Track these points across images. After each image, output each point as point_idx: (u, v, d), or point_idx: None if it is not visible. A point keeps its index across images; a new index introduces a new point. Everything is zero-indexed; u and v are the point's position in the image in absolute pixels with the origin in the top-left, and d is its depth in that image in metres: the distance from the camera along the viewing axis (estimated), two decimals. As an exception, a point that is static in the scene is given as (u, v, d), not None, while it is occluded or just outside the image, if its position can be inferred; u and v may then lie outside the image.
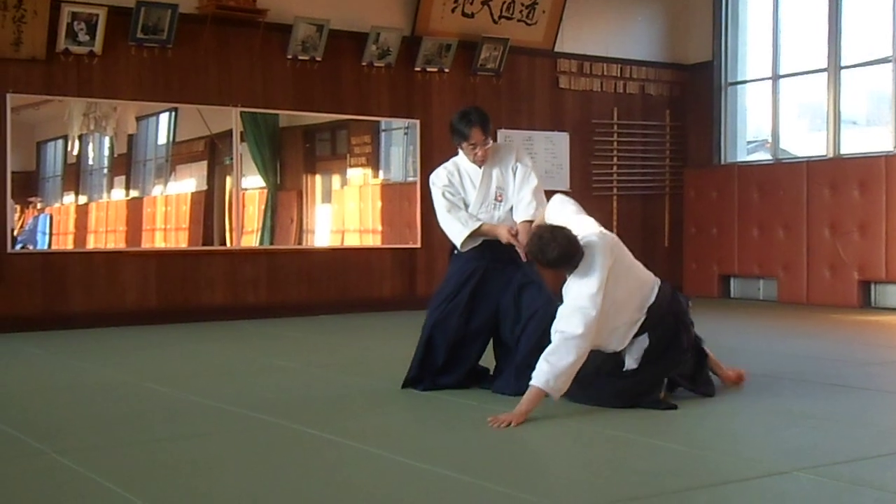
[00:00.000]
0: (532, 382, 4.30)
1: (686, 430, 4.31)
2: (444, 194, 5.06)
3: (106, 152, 8.79)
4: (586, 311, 4.30)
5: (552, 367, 4.27)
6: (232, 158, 9.11)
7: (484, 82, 10.31)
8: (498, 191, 5.07)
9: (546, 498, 3.14)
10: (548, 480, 3.44)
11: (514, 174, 5.07)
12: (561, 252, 4.33)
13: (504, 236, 4.94)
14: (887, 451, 3.82)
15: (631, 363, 4.57)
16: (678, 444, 3.96)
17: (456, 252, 5.16)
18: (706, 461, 3.68)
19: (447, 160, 5.26)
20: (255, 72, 9.19)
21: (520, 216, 5.02)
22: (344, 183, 9.80)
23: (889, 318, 8.90)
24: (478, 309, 5.08)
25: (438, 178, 5.15)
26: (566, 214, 4.69)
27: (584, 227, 4.54)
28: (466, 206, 5.07)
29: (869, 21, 10.21)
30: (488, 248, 5.04)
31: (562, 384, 4.30)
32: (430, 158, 9.97)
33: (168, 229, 8.98)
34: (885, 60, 9.94)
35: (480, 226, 4.99)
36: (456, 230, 5.01)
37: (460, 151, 5.13)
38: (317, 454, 3.85)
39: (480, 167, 5.07)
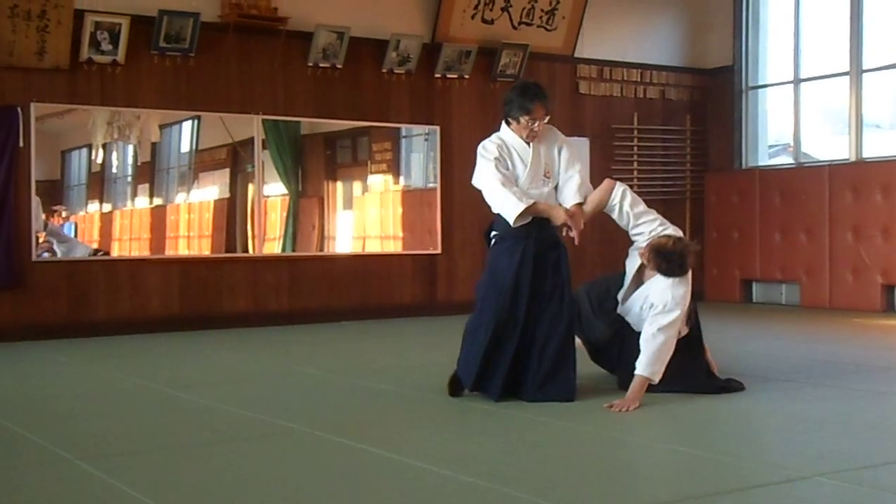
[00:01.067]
0: (638, 372, 4.77)
1: (707, 435, 4.30)
2: (497, 167, 4.86)
3: (129, 160, 8.86)
4: (679, 308, 4.82)
5: (653, 357, 4.77)
6: (254, 166, 9.16)
7: (504, 88, 10.19)
8: (546, 168, 4.97)
9: None
10: (568, 487, 3.44)
11: (559, 154, 5.00)
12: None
13: (561, 217, 4.84)
14: (910, 456, 3.80)
15: (684, 330, 5.02)
16: (699, 450, 3.95)
17: (494, 234, 5.00)
18: (728, 466, 3.67)
19: (468, 165, 5.21)
20: (276, 79, 9.24)
21: (571, 198, 4.93)
22: (365, 189, 9.84)
23: (913, 323, 8.84)
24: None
25: (488, 150, 4.94)
26: (641, 212, 5.07)
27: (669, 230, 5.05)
28: (514, 181, 4.92)
29: (891, 24, 10.14)
30: (536, 226, 4.90)
31: (661, 369, 4.81)
32: (451, 164, 10.01)
33: (191, 237, 9.04)
34: (907, 63, 9.88)
35: (535, 203, 4.84)
36: (511, 204, 4.79)
37: (504, 126, 5.00)
38: (340, 461, 3.85)
39: (529, 144, 4.95)
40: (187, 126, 9.02)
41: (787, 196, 10.67)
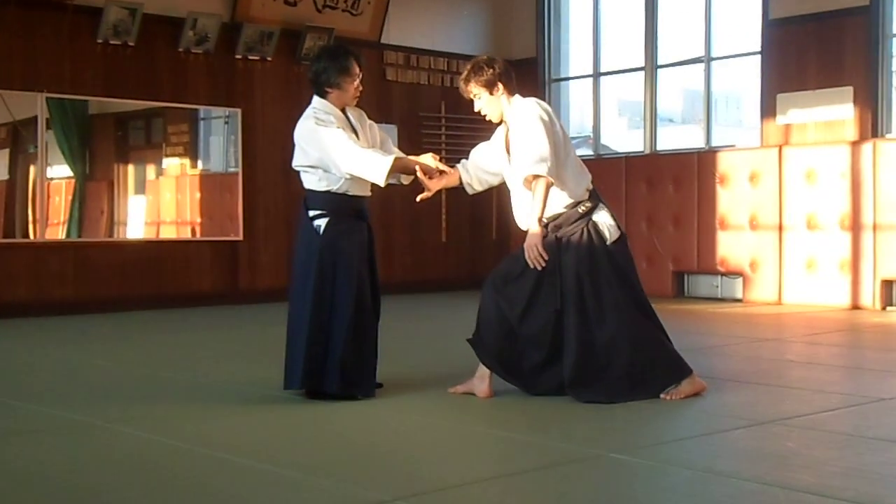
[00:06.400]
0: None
1: (523, 417, 4.28)
2: (343, 130, 4.51)
3: None
4: None
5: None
6: (37, 146, 8.57)
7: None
8: (367, 137, 4.72)
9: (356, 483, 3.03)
10: (361, 469, 3.32)
11: (370, 128, 4.77)
12: None
13: (430, 160, 4.75)
14: (697, 432, 3.92)
15: None
16: (512, 433, 3.91)
17: (318, 213, 4.55)
18: (537, 447, 3.64)
19: (272, 149, 4.91)
20: (63, 56, 8.67)
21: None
22: (160, 173, 9.41)
23: (700, 307, 9.25)
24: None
25: (324, 120, 4.52)
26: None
27: None
28: None
29: (683, 22, 10.58)
30: (365, 203, 4.72)
31: None
32: (254, 148, 9.70)
33: (-35, 221, 8.40)
34: (698, 60, 10.31)
35: (399, 158, 4.59)
36: (377, 162, 4.43)
37: (319, 100, 4.61)
38: (130, 452, 3.63)
39: (346, 114, 4.66)
40: (-37, 103, 8.36)
41: (586, 186, 10.93)
